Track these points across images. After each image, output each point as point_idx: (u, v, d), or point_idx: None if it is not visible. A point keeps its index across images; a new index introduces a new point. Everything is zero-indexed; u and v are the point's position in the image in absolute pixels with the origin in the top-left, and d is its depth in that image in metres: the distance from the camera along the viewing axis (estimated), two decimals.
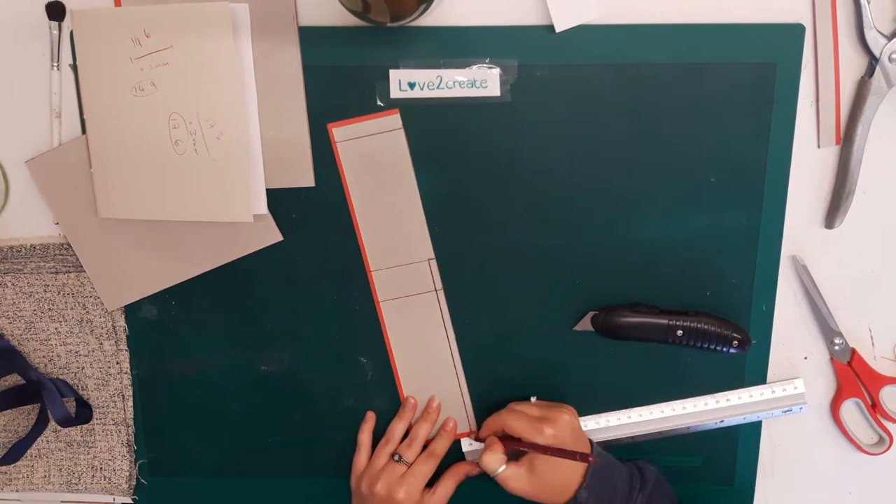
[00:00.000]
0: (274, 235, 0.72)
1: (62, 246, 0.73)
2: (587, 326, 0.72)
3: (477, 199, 0.70)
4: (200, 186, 0.68)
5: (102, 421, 0.78)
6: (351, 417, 0.76)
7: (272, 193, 0.70)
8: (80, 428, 0.78)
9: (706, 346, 0.70)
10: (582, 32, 0.66)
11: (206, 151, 0.67)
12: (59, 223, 0.73)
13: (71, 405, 0.77)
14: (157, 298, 0.74)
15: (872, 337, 0.73)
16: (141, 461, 0.79)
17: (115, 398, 0.77)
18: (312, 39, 0.67)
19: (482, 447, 0.75)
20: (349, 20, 0.65)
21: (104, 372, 0.76)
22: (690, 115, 0.68)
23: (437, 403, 0.75)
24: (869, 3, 0.65)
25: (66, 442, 0.79)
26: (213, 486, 0.79)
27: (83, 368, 0.77)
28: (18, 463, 0.79)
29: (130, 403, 0.77)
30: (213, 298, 0.74)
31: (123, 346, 0.76)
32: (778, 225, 0.70)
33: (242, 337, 0.75)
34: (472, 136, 0.69)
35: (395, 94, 0.68)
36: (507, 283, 0.72)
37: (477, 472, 0.75)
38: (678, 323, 0.70)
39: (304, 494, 0.79)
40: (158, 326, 0.75)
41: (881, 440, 0.75)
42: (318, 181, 0.70)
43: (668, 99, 0.67)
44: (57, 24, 0.68)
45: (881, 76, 0.65)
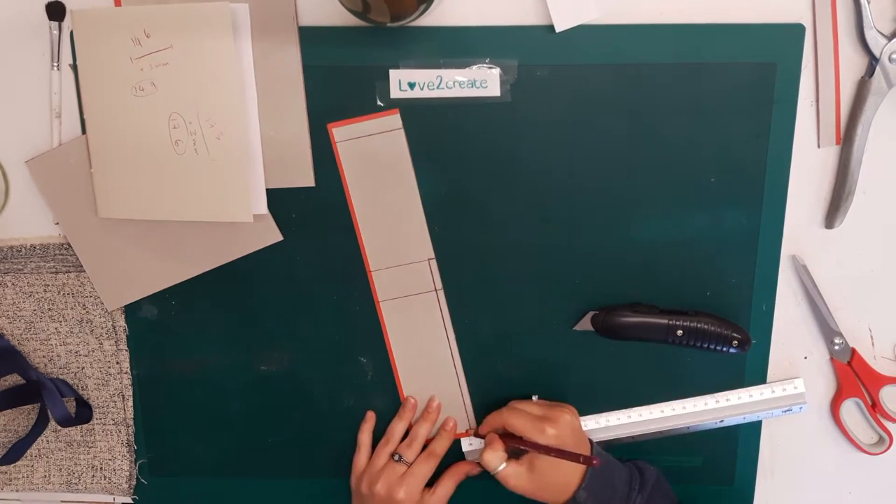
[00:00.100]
0: (274, 235, 0.72)
1: (62, 246, 0.73)
2: (587, 326, 0.72)
3: (477, 199, 0.70)
4: (200, 186, 0.68)
5: (102, 421, 0.78)
6: (351, 417, 0.76)
7: (272, 193, 0.70)
8: (80, 428, 0.78)
9: (706, 346, 0.70)
10: (582, 32, 0.66)
11: (206, 151, 0.67)
12: (59, 223, 0.73)
13: (71, 405, 0.77)
14: (157, 298, 0.74)
15: (872, 337, 0.73)
16: (141, 461, 0.79)
17: (115, 398, 0.77)
18: (312, 39, 0.67)
19: (481, 446, 0.75)
20: (349, 20, 0.65)
21: (104, 372, 0.76)
22: (690, 115, 0.68)
23: (437, 403, 0.75)
24: (869, 3, 0.65)
25: (66, 442, 0.79)
26: (213, 486, 0.79)
27: (83, 368, 0.77)
28: (18, 463, 0.79)
29: (130, 403, 0.77)
30: (213, 298, 0.74)
31: (123, 346, 0.76)
32: (778, 225, 0.70)
33: (242, 337, 0.75)
34: (472, 136, 0.69)
35: (395, 94, 0.68)
36: (507, 283, 0.72)
37: (477, 471, 0.75)
38: (678, 323, 0.70)
39: (304, 494, 0.79)
40: (158, 326, 0.75)
41: (881, 440, 0.75)
42: (318, 181, 0.70)
43: (668, 99, 0.67)
44: (57, 24, 0.68)
45: (881, 76, 0.65)
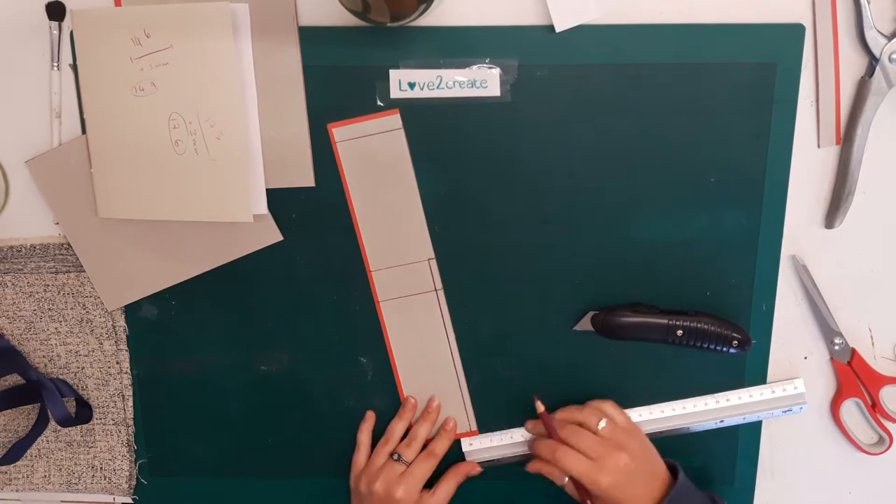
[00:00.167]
0: (274, 235, 0.72)
1: (62, 246, 0.73)
2: (587, 326, 0.72)
3: (477, 199, 0.70)
4: (200, 186, 0.68)
5: (102, 421, 0.78)
6: (351, 417, 0.76)
7: (272, 193, 0.70)
8: (80, 428, 0.78)
9: (706, 346, 0.70)
10: (582, 32, 0.66)
11: (206, 151, 0.67)
12: (59, 223, 0.73)
13: (71, 405, 0.77)
14: (157, 298, 0.74)
15: (872, 337, 0.73)
16: (141, 461, 0.79)
17: (115, 398, 0.77)
18: (312, 39, 0.67)
19: (482, 446, 0.75)
20: (349, 20, 0.65)
21: (104, 372, 0.76)
22: (690, 115, 0.68)
23: (437, 403, 0.75)
24: (869, 3, 0.65)
25: (66, 442, 0.79)
26: (213, 486, 0.79)
27: (83, 368, 0.77)
28: (18, 463, 0.79)
29: (130, 403, 0.77)
30: (213, 298, 0.74)
31: (123, 346, 0.76)
32: (778, 225, 0.70)
33: (242, 337, 0.75)
34: (472, 136, 0.69)
35: (395, 94, 0.68)
36: (507, 283, 0.72)
37: (477, 471, 0.75)
38: (678, 323, 0.70)
39: (304, 494, 0.79)
40: (158, 326, 0.75)
41: (881, 440, 0.75)
42: (318, 181, 0.70)
43: (668, 99, 0.67)
44: (57, 24, 0.68)
45: (881, 76, 0.65)
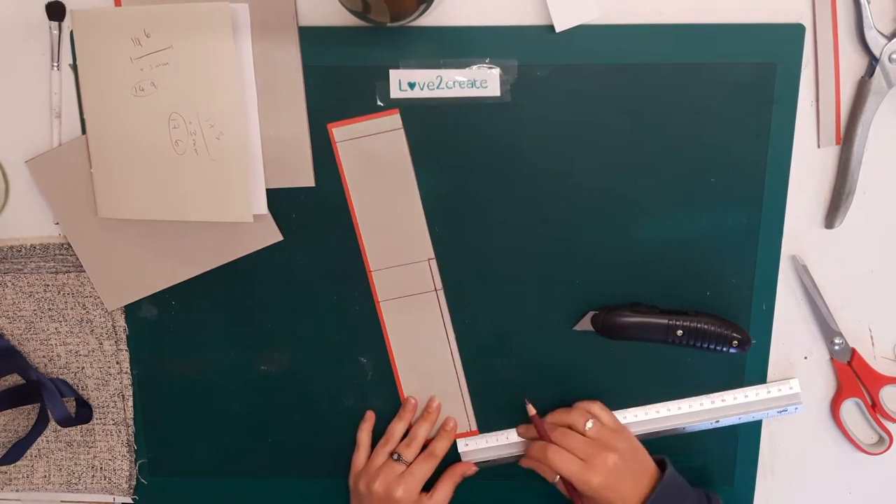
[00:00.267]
0: (274, 235, 0.72)
1: (62, 246, 0.73)
2: (587, 326, 0.72)
3: (477, 199, 0.70)
4: (200, 186, 0.68)
5: (102, 421, 0.78)
6: (351, 417, 0.76)
7: (272, 193, 0.70)
8: (80, 428, 0.78)
9: (706, 346, 0.70)
10: (582, 32, 0.66)
11: (206, 151, 0.67)
12: (59, 223, 0.73)
13: (71, 405, 0.77)
14: (157, 298, 0.74)
15: (872, 337, 0.73)
16: (141, 461, 0.79)
17: (115, 398, 0.77)
18: (312, 39, 0.67)
19: (477, 447, 0.75)
20: (349, 20, 0.65)
21: (104, 372, 0.76)
22: (690, 115, 0.68)
23: (437, 403, 0.75)
24: (869, 3, 0.65)
25: (66, 442, 0.79)
26: (213, 486, 0.79)
27: (83, 368, 0.77)
28: (18, 463, 0.79)
29: (130, 403, 0.77)
30: (213, 298, 0.74)
31: (123, 346, 0.76)
32: (778, 225, 0.70)
33: (242, 337, 0.75)
34: (472, 136, 0.69)
35: (395, 94, 0.68)
36: (507, 283, 0.72)
37: (473, 471, 0.75)
38: (678, 323, 0.70)
39: (304, 494, 0.79)
40: (158, 326, 0.75)
41: (881, 440, 0.75)
42: (318, 181, 0.70)
43: (668, 99, 0.67)
44: (57, 24, 0.68)
45: (881, 76, 0.65)
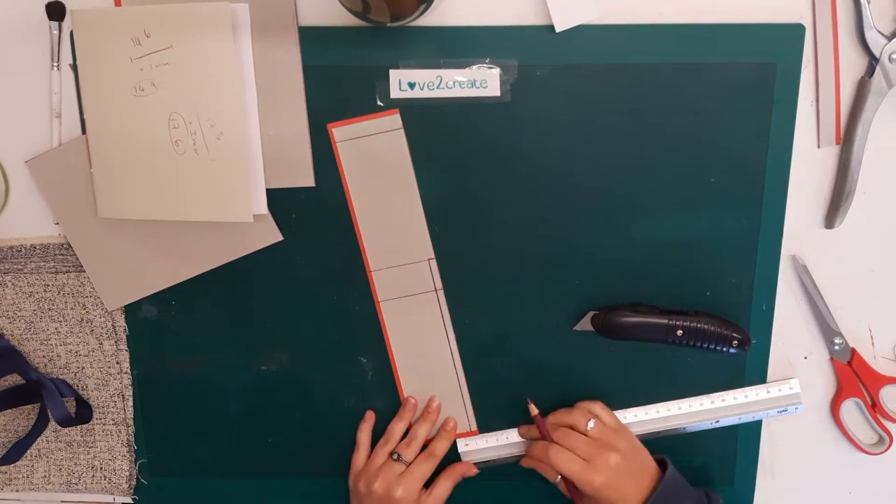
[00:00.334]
0: (274, 235, 0.72)
1: (62, 246, 0.73)
2: (587, 326, 0.72)
3: (477, 199, 0.70)
4: (200, 186, 0.68)
5: (102, 421, 0.78)
6: (351, 417, 0.76)
7: (272, 193, 0.70)
8: (80, 428, 0.78)
9: (706, 346, 0.70)
10: (582, 32, 0.66)
11: (206, 151, 0.67)
12: (59, 223, 0.73)
13: (71, 405, 0.77)
14: (157, 298, 0.74)
15: (872, 337, 0.73)
16: (141, 461, 0.79)
17: (115, 398, 0.77)
18: (312, 39, 0.67)
19: (478, 447, 0.75)
20: (349, 20, 0.65)
21: (104, 372, 0.76)
22: (690, 115, 0.68)
23: (437, 403, 0.75)
24: (869, 3, 0.65)
25: (66, 442, 0.79)
26: (213, 486, 0.79)
27: (83, 368, 0.77)
28: (18, 463, 0.79)
29: (130, 403, 0.77)
30: (213, 298, 0.74)
31: (123, 346, 0.76)
32: (778, 225, 0.70)
33: (242, 337, 0.75)
34: (472, 136, 0.69)
35: (395, 94, 0.68)
36: (507, 283, 0.72)
37: (474, 472, 0.75)
38: (678, 323, 0.69)
39: (304, 494, 0.79)
40: (158, 326, 0.75)
41: (881, 440, 0.75)
42: (318, 181, 0.70)
43: (668, 99, 0.67)
44: (57, 24, 0.68)
45: (881, 76, 0.65)
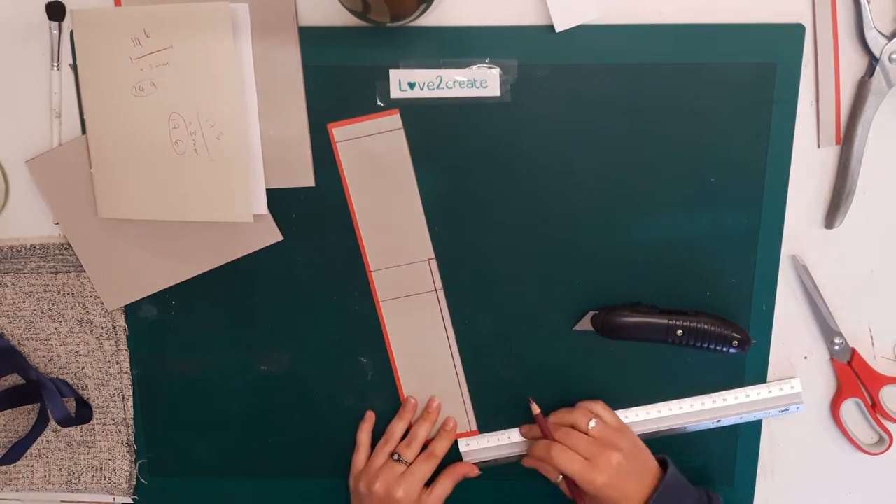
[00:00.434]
0: (274, 235, 0.72)
1: (62, 246, 0.73)
2: (587, 326, 0.72)
3: (477, 199, 0.70)
4: (200, 186, 0.68)
5: (102, 421, 0.78)
6: (351, 417, 0.76)
7: (272, 193, 0.70)
8: (80, 428, 0.78)
9: (706, 346, 0.70)
10: (582, 32, 0.66)
11: (206, 151, 0.67)
12: (59, 223, 0.73)
13: (71, 405, 0.77)
14: (157, 298, 0.74)
15: (872, 337, 0.73)
16: (141, 461, 0.79)
17: (115, 398, 0.77)
18: (312, 39, 0.67)
19: (479, 447, 0.75)
20: (349, 20, 0.65)
21: (104, 372, 0.76)
22: (690, 115, 0.68)
23: (437, 403, 0.75)
24: (869, 3, 0.65)
25: (66, 442, 0.79)
26: (213, 486, 0.79)
27: (83, 368, 0.77)
28: (18, 463, 0.79)
29: (130, 403, 0.77)
30: (213, 298, 0.74)
31: (123, 346, 0.76)
32: (778, 225, 0.70)
33: (242, 337, 0.75)
34: (472, 136, 0.69)
35: (395, 94, 0.68)
36: (507, 283, 0.72)
37: (475, 473, 0.75)
38: (678, 323, 0.70)
39: (304, 494, 0.79)
40: (158, 326, 0.75)
41: (881, 440, 0.75)
42: (318, 181, 0.70)
43: (668, 99, 0.67)
44: (57, 24, 0.68)
45: (881, 76, 0.65)
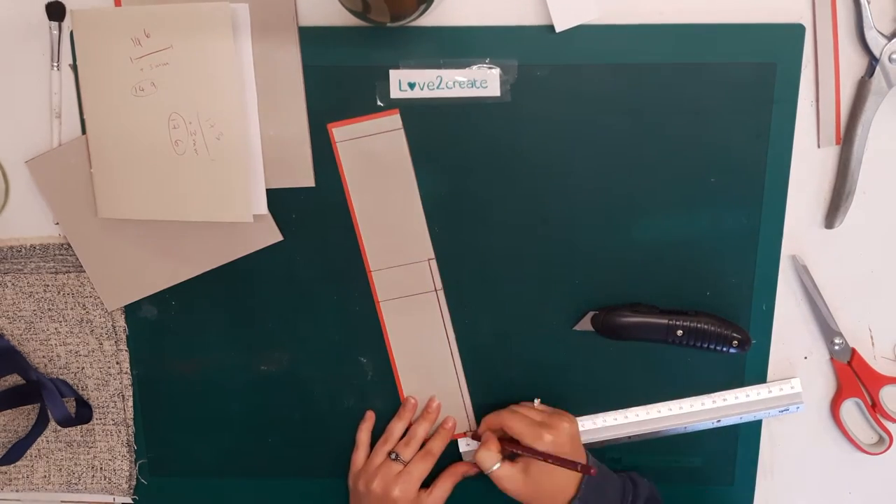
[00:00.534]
0: (274, 235, 0.72)
1: (62, 246, 0.73)
2: (587, 326, 0.72)
3: (477, 199, 0.70)
4: (200, 186, 0.68)
5: (102, 421, 0.78)
6: (351, 417, 0.76)
7: (272, 193, 0.70)
8: (80, 428, 0.78)
9: (706, 346, 0.70)
10: (582, 32, 0.66)
11: (206, 151, 0.67)
12: (59, 223, 0.73)
13: (71, 405, 0.77)
14: (157, 298, 0.74)
15: (872, 337, 0.73)
16: (141, 461, 0.79)
17: (115, 398, 0.77)
18: (312, 39, 0.67)
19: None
20: (349, 20, 0.65)
21: (104, 372, 0.76)
22: (690, 115, 0.68)
23: (436, 403, 0.75)
24: (869, 3, 0.65)
25: (66, 442, 0.79)
26: (213, 486, 0.79)
27: (83, 368, 0.77)
28: (18, 463, 0.79)
29: (130, 403, 0.77)
30: (213, 298, 0.74)
31: (123, 346, 0.76)
32: (778, 225, 0.70)
33: (242, 337, 0.75)
34: (472, 136, 0.69)
35: (395, 94, 0.68)
36: (507, 283, 0.72)
37: (475, 472, 0.75)
38: (678, 323, 0.70)
39: (304, 494, 0.79)
40: (158, 326, 0.75)
41: (881, 440, 0.75)
42: (318, 181, 0.70)
43: (668, 99, 0.67)
44: (57, 24, 0.68)
45: (881, 76, 0.65)
